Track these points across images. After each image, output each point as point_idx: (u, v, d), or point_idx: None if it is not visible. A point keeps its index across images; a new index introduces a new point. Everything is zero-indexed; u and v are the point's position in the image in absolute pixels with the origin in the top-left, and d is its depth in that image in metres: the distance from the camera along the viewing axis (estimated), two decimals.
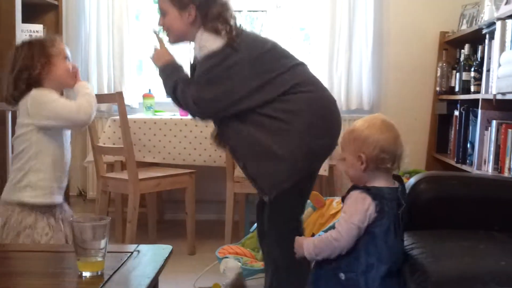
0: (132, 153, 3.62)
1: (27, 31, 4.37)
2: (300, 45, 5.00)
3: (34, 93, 2.31)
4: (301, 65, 2.52)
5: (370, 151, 1.91)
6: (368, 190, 1.88)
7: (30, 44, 2.41)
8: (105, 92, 4.64)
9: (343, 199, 1.98)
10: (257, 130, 2.38)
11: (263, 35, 2.66)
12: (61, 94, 2.47)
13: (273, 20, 4.80)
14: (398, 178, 2.02)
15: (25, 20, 4.17)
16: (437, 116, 4.62)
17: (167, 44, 2.58)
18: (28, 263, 1.74)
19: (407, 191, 2.46)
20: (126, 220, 3.67)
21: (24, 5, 4.03)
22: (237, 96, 2.35)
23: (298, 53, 4.92)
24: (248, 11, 4.96)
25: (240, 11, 4.95)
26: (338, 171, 4.63)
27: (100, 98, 4.23)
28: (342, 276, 1.91)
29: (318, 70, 4.62)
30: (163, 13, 2.46)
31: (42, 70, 2.34)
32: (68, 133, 2.46)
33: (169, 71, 2.49)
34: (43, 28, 4.53)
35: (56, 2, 4.64)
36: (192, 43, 2.51)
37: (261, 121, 2.38)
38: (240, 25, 2.44)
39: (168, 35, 2.53)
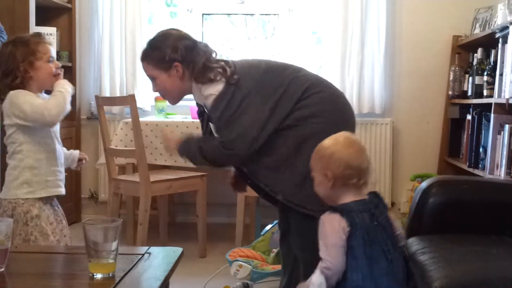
0: (144, 156, 3.63)
1: None
2: (312, 49, 5.00)
3: (11, 93, 2.34)
4: (302, 70, 2.53)
5: (335, 168, 1.91)
6: (334, 208, 1.88)
7: (14, 46, 2.40)
8: (118, 94, 4.67)
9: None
10: (284, 152, 2.37)
11: (276, 38, 2.66)
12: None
13: (285, 24, 4.80)
14: (374, 194, 1.98)
15: (39, 23, 4.21)
16: (449, 120, 4.60)
17: (169, 105, 2.63)
18: (40, 264, 1.76)
19: (419, 194, 2.46)
20: (138, 222, 3.68)
21: (38, 8, 4.07)
22: (262, 121, 2.35)
23: (310, 57, 4.95)
24: (260, 14, 4.97)
25: (252, 14, 4.96)
26: None
27: (113, 100, 4.29)
28: None
29: (330, 73, 4.62)
30: (152, 79, 2.50)
31: (25, 74, 2.35)
32: (56, 127, 2.48)
33: (187, 145, 2.49)
34: (57, 30, 4.57)
35: (69, 5, 4.68)
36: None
37: (283, 140, 2.38)
38: (228, 60, 2.45)
39: (166, 98, 2.58)
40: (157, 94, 4.46)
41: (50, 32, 4.49)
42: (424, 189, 2.47)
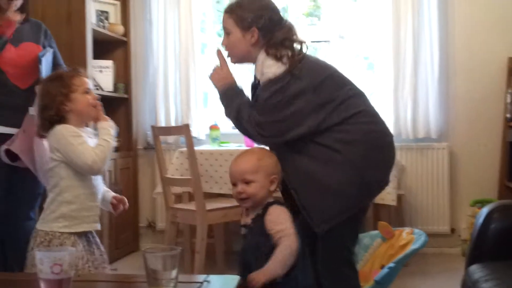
0: (199, 184, 3.66)
1: (98, 67, 4.54)
2: (364, 74, 4.99)
3: (58, 129, 2.36)
4: (362, 94, 2.49)
5: (279, 173, 2.29)
6: (281, 203, 2.25)
7: (50, 81, 2.46)
8: (173, 124, 4.74)
9: (256, 219, 2.25)
10: (312, 161, 2.36)
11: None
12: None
13: (336, 50, 4.81)
14: None
15: (96, 56, 4.34)
16: (508, 143, 4.49)
17: (229, 64, 2.58)
18: None
19: (480, 220, 2.41)
20: (195, 250, 3.70)
21: (95, 42, 4.19)
22: (300, 117, 2.34)
23: (362, 82, 4.93)
24: (311, 41, 4.98)
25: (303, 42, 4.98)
26: (406, 202, 4.56)
27: (168, 130, 4.36)
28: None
29: (383, 99, 4.60)
30: (227, 32, 2.49)
31: (61, 107, 2.37)
32: None
33: (230, 94, 2.50)
34: (113, 63, 4.69)
35: (125, 38, 4.80)
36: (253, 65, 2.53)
37: (316, 152, 2.36)
38: (302, 50, 2.45)
39: (230, 55, 2.55)
40: (211, 123, 4.56)
41: (106, 65, 4.62)
42: (486, 214, 2.41)
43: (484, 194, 4.47)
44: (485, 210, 2.44)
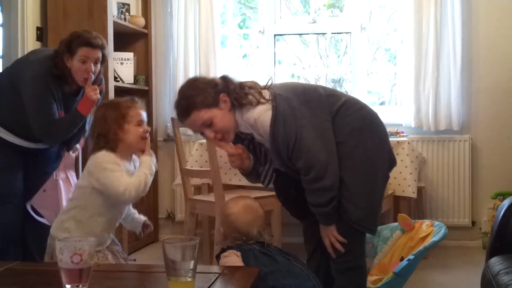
0: (219, 176, 3.67)
1: (119, 59, 4.56)
2: (386, 66, 4.96)
3: (100, 154, 2.37)
4: (334, 89, 2.54)
5: (226, 228, 2.32)
6: (224, 249, 2.24)
7: (107, 108, 2.48)
8: None
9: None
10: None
11: (349, 56, 2.61)
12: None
13: (357, 42, 4.78)
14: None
15: (117, 48, 4.36)
16: None
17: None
18: (121, 283, 1.80)
19: (501, 212, 2.39)
20: (214, 242, 3.71)
21: (115, 34, 4.21)
22: (328, 132, 2.26)
23: (384, 74, 4.90)
24: (332, 33, 4.96)
25: (324, 33, 4.96)
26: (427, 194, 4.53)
27: None
28: None
29: (405, 90, 4.58)
30: (208, 124, 2.30)
31: (115, 136, 2.40)
32: None
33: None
34: (134, 55, 4.71)
35: (145, 31, 4.82)
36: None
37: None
38: (256, 82, 2.35)
39: (225, 137, 2.36)
40: None
41: (127, 57, 4.64)
42: (507, 206, 2.39)
43: (505, 187, 4.42)
44: (506, 202, 2.42)
